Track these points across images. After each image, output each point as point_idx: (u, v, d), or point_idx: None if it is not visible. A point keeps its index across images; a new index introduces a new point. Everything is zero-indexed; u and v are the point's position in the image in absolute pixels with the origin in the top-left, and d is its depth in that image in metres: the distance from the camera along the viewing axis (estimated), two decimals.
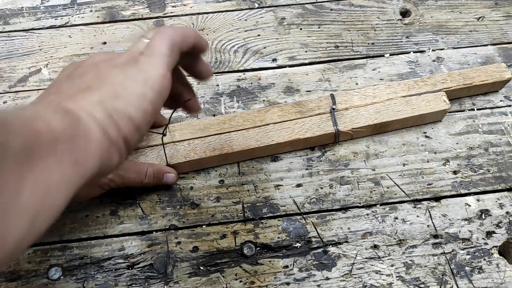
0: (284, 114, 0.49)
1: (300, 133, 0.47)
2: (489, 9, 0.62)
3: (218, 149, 0.46)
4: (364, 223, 0.45)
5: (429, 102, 0.49)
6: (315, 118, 0.48)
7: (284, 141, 0.47)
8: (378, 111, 0.48)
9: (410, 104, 0.49)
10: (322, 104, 0.49)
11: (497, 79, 0.51)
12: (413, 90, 0.50)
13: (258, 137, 0.47)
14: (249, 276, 0.42)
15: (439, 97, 0.49)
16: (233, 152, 0.46)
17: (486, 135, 0.50)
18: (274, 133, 0.47)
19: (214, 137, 0.47)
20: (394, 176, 0.48)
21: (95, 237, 0.45)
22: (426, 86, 0.50)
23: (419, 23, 0.61)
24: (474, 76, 0.51)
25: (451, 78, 0.51)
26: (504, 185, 0.47)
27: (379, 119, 0.48)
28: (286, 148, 0.48)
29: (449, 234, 0.44)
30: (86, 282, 0.42)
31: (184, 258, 0.43)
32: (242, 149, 0.46)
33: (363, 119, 0.48)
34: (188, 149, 0.47)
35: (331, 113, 0.48)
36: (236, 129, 0.48)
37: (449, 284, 0.42)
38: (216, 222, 0.45)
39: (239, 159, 0.48)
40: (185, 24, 0.61)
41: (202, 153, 0.46)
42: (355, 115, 0.48)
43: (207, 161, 0.47)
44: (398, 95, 0.50)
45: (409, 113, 0.48)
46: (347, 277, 0.42)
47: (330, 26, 0.61)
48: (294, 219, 0.45)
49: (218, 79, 0.56)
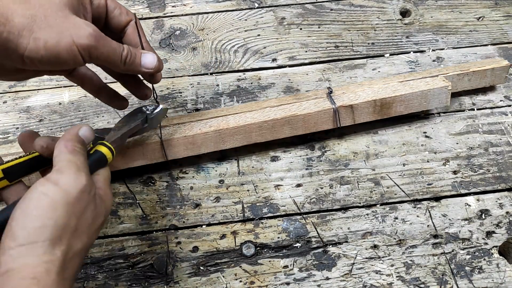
0: (282, 102, 0.49)
1: (297, 111, 0.47)
2: (489, 9, 0.62)
3: (214, 126, 0.46)
4: (364, 223, 0.45)
5: (427, 83, 0.49)
6: (312, 101, 0.48)
7: (281, 117, 0.46)
8: (376, 92, 0.48)
9: (409, 85, 0.49)
10: (318, 93, 0.49)
11: (495, 66, 0.51)
12: (409, 78, 0.50)
13: (255, 116, 0.47)
14: (249, 276, 0.42)
15: (438, 79, 0.49)
16: (228, 128, 0.46)
17: (486, 135, 0.51)
18: (272, 112, 0.47)
19: (212, 120, 0.47)
20: (394, 176, 0.48)
21: None
22: (423, 75, 0.50)
23: (419, 23, 0.61)
24: (470, 66, 0.51)
25: (447, 69, 0.51)
26: (504, 185, 0.47)
27: (378, 97, 0.47)
28: (284, 130, 0.47)
29: (449, 234, 0.44)
30: (86, 282, 0.42)
31: (184, 258, 0.43)
32: (238, 125, 0.46)
33: (361, 97, 0.48)
34: (183, 128, 0.46)
35: (328, 96, 0.48)
36: (233, 113, 0.48)
37: (449, 284, 0.42)
38: (216, 222, 0.45)
39: (235, 143, 0.47)
40: (184, 24, 0.61)
41: (198, 130, 0.46)
42: (353, 96, 0.48)
43: (203, 140, 0.46)
44: (394, 81, 0.50)
45: (408, 90, 0.48)
46: (347, 277, 0.42)
47: (330, 26, 0.61)
48: (294, 219, 0.45)
49: (218, 79, 0.56)
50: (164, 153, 0.46)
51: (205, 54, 0.58)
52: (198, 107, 0.53)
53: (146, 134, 0.45)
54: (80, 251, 0.29)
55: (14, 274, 0.26)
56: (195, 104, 0.54)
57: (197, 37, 0.60)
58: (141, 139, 0.45)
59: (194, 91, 0.55)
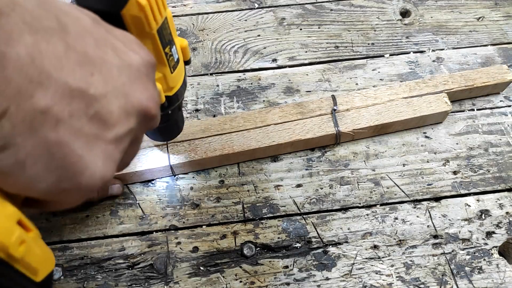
0: (285, 115, 0.49)
1: (301, 134, 0.47)
2: (489, 9, 0.62)
3: (219, 149, 0.46)
4: (364, 223, 0.45)
5: (430, 103, 0.49)
6: (316, 119, 0.48)
7: (285, 142, 0.47)
8: (379, 112, 0.48)
9: (412, 105, 0.49)
10: (323, 105, 0.49)
11: (499, 81, 0.51)
12: (414, 92, 0.50)
13: (259, 138, 0.47)
14: (249, 276, 0.42)
15: (441, 98, 0.49)
16: (233, 152, 0.46)
17: (486, 135, 0.51)
18: (275, 133, 0.47)
19: (215, 137, 0.47)
20: (394, 177, 0.48)
21: (95, 237, 0.45)
22: (427, 88, 0.50)
23: (419, 23, 0.61)
24: (475, 78, 0.51)
25: (452, 79, 0.51)
26: (504, 185, 0.47)
27: (381, 121, 0.48)
28: (287, 149, 0.48)
29: (449, 234, 0.44)
30: (86, 282, 0.42)
31: (184, 258, 0.43)
32: (243, 150, 0.46)
33: (364, 120, 0.48)
34: (188, 149, 0.47)
35: (332, 114, 0.48)
36: (237, 130, 0.48)
37: (449, 284, 0.42)
38: (216, 222, 0.45)
39: (239, 159, 0.48)
40: (184, 25, 0.61)
41: (203, 154, 0.46)
42: (356, 116, 0.48)
43: (207, 161, 0.47)
44: (399, 96, 0.50)
45: (410, 114, 0.48)
46: (347, 277, 0.42)
47: (330, 26, 0.61)
48: (294, 219, 0.45)
49: (218, 80, 0.56)
50: (172, 171, 0.47)
51: (205, 55, 0.58)
52: (198, 107, 0.53)
53: (154, 155, 0.46)
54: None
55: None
56: (195, 104, 0.54)
57: (197, 37, 0.60)
58: (146, 160, 0.46)
59: (194, 91, 0.55)
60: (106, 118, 0.22)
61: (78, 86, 0.21)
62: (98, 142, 0.22)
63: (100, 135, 0.22)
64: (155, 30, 0.29)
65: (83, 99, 0.21)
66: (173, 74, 0.33)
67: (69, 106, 0.20)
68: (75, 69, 0.21)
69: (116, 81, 0.23)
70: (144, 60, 0.25)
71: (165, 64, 0.32)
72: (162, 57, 0.31)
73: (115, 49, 0.24)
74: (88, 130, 0.22)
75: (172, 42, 0.32)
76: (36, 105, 0.19)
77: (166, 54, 0.31)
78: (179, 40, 0.34)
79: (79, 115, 0.21)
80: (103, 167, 0.23)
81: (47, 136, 0.20)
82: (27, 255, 0.20)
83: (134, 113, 0.24)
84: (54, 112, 0.20)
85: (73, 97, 0.20)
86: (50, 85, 0.19)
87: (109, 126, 0.23)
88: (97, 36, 0.23)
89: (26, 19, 0.19)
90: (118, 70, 0.23)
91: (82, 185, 0.22)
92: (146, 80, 0.26)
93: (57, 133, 0.20)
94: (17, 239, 0.19)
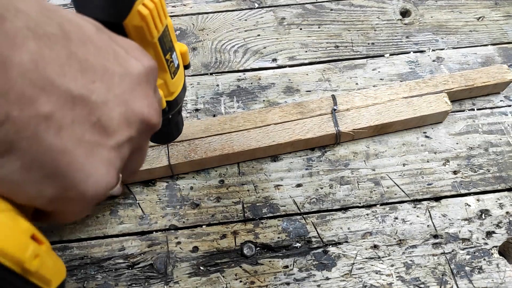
0: (285, 115, 0.49)
1: (301, 134, 0.47)
2: (489, 9, 0.62)
3: (219, 149, 0.46)
4: (364, 223, 0.45)
5: (430, 103, 0.49)
6: (316, 119, 0.48)
7: (285, 141, 0.47)
8: (379, 112, 0.48)
9: (412, 105, 0.49)
10: (323, 105, 0.49)
11: (499, 81, 0.51)
12: (414, 91, 0.50)
13: (259, 138, 0.47)
14: (249, 276, 0.42)
15: (441, 98, 0.49)
16: (233, 152, 0.46)
17: (486, 135, 0.50)
18: (275, 133, 0.47)
19: (215, 137, 0.47)
20: (394, 176, 0.48)
21: (95, 237, 0.45)
22: (427, 88, 0.50)
23: (419, 23, 0.61)
24: (476, 78, 0.51)
25: (452, 79, 0.51)
26: (504, 185, 0.47)
27: (381, 120, 0.48)
28: (287, 148, 0.48)
29: (449, 234, 0.44)
30: (86, 282, 0.42)
31: (184, 258, 0.43)
32: (243, 149, 0.46)
33: (364, 120, 0.48)
34: (188, 149, 0.47)
35: (332, 114, 0.48)
36: (237, 130, 0.48)
37: (449, 284, 0.42)
38: (216, 222, 0.45)
39: (239, 159, 0.48)
40: (184, 24, 0.61)
41: (203, 154, 0.46)
42: (356, 116, 0.48)
43: (207, 161, 0.47)
44: (399, 96, 0.50)
45: (410, 114, 0.48)
46: (347, 277, 0.42)
47: (330, 26, 0.61)
48: (294, 219, 0.45)
49: (218, 79, 0.56)
50: (171, 171, 0.47)
51: (205, 54, 0.58)
52: (198, 107, 0.53)
53: (153, 155, 0.46)
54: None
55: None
56: (195, 104, 0.54)
57: (197, 37, 0.60)
58: (146, 159, 0.46)
59: (194, 91, 0.55)
60: (108, 125, 0.22)
61: (80, 93, 0.21)
62: (100, 149, 0.22)
63: (102, 143, 0.22)
64: (157, 38, 0.29)
65: (85, 106, 0.21)
66: (174, 80, 0.34)
67: (71, 112, 0.20)
68: (77, 76, 0.21)
69: (117, 89, 0.23)
70: (146, 67, 0.25)
71: (166, 70, 0.32)
72: (163, 64, 0.31)
73: (117, 57, 0.24)
74: (90, 137, 0.21)
75: (173, 49, 0.32)
76: (39, 110, 0.19)
77: (167, 61, 0.32)
78: (178, 45, 0.35)
79: (82, 122, 0.21)
80: (107, 175, 0.23)
81: (51, 142, 0.20)
82: (40, 267, 0.21)
83: (135, 121, 0.24)
84: (57, 118, 0.20)
85: (75, 104, 0.20)
86: (53, 91, 0.19)
87: (110, 133, 0.22)
88: (100, 44, 0.23)
89: (29, 25, 0.19)
90: (120, 78, 0.23)
91: (87, 193, 0.22)
92: (147, 87, 0.26)
93: (61, 140, 0.20)
94: (31, 253, 0.20)
